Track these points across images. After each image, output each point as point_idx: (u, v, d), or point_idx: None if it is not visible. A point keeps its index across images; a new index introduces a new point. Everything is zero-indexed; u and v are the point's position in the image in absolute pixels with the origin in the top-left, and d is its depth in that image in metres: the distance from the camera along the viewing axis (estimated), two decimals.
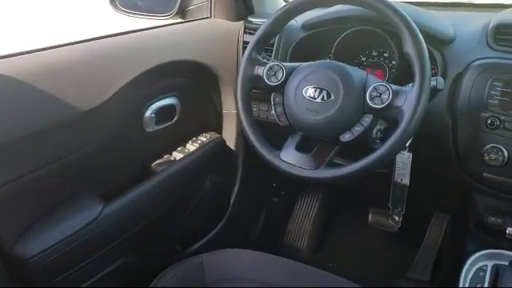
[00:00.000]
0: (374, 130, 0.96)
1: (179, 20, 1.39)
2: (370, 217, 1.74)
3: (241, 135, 1.44)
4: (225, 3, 1.37)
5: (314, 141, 0.99)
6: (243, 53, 1.09)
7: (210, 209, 1.44)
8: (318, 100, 0.94)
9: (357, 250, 1.78)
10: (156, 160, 1.25)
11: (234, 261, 1.04)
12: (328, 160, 0.96)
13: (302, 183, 1.81)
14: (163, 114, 1.24)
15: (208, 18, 1.39)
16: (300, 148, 0.99)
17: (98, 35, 1.09)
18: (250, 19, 1.37)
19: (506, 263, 1.07)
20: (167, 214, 1.25)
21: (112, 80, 1.05)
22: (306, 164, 0.96)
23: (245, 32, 1.35)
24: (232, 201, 1.52)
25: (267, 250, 1.06)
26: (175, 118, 1.27)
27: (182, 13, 1.40)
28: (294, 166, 0.96)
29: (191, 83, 1.32)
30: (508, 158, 1.01)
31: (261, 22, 1.22)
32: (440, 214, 1.62)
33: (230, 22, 1.38)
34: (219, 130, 1.46)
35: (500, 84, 1.00)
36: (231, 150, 1.46)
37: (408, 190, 1.12)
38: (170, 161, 1.27)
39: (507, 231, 1.06)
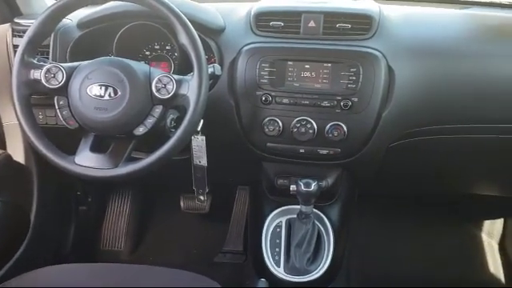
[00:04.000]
0: (168, 120, 1.01)
1: None
2: (182, 203, 1.82)
3: (29, 146, 1.33)
4: None
5: (109, 139, 0.99)
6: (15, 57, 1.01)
7: (8, 232, 1.31)
8: (106, 97, 0.94)
9: (175, 238, 1.84)
10: None
11: (43, 280, 0.98)
12: (126, 156, 0.97)
13: (106, 184, 1.78)
14: None
15: None
16: (95, 149, 0.98)
17: None
18: (16, 21, 1.27)
19: (295, 216, 1.26)
20: None
21: None
22: (104, 164, 0.96)
23: (13, 35, 1.24)
24: (32, 218, 1.40)
25: (84, 261, 1.03)
26: None
27: None
28: (91, 168, 0.95)
29: None
30: (283, 127, 1.17)
31: (29, 24, 1.14)
32: (242, 186, 1.78)
33: None
34: (2, 145, 1.32)
35: (267, 65, 1.15)
36: (20, 164, 1.34)
37: (209, 170, 1.20)
38: None
39: (291, 188, 1.23)
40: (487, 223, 1.79)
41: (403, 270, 1.64)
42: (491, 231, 1.78)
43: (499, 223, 1.76)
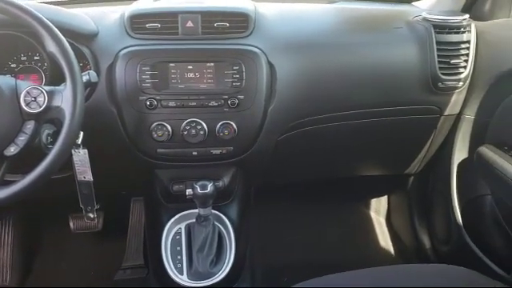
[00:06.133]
0: (44, 136, 0.94)
1: None
2: (72, 224, 1.69)
3: None
4: None
5: None
6: None
7: None
8: None
9: (69, 262, 1.71)
10: None
11: None
12: None
13: None
14: None
15: None
16: None
17: None
18: None
19: (194, 220, 1.24)
20: None
21: None
22: None
23: None
24: None
25: None
26: None
27: None
28: None
29: None
30: (172, 131, 1.14)
31: None
32: (136, 198, 1.71)
33: None
34: None
35: (148, 68, 1.11)
36: None
37: (98, 185, 1.13)
38: None
39: (187, 193, 1.20)
40: (374, 201, 1.94)
41: (305, 256, 1.70)
42: (378, 208, 1.92)
43: (384, 200, 1.91)
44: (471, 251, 1.36)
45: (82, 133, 0.98)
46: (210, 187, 1.15)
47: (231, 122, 1.15)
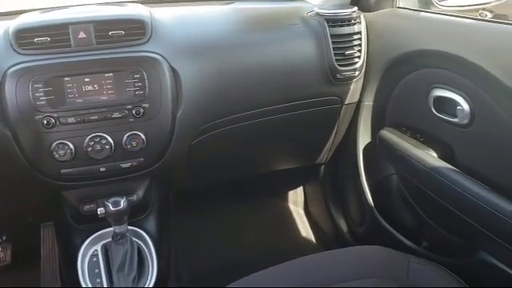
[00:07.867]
0: None
1: None
2: None
3: None
4: None
5: None
6: None
7: None
8: None
9: None
10: None
11: None
12: None
13: None
14: None
15: None
16: None
17: None
18: None
19: (111, 239, 1.18)
20: None
21: None
22: None
23: None
24: None
25: None
26: None
27: None
28: None
29: None
30: (75, 149, 1.08)
31: None
32: (45, 223, 1.60)
33: None
34: None
35: (40, 85, 1.04)
36: None
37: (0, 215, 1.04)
38: None
39: (99, 212, 1.14)
40: (291, 193, 1.98)
41: (230, 257, 1.70)
42: (295, 200, 1.98)
43: (300, 191, 1.97)
44: (384, 229, 1.44)
45: None
46: (123, 203, 1.10)
47: (138, 133, 1.11)
